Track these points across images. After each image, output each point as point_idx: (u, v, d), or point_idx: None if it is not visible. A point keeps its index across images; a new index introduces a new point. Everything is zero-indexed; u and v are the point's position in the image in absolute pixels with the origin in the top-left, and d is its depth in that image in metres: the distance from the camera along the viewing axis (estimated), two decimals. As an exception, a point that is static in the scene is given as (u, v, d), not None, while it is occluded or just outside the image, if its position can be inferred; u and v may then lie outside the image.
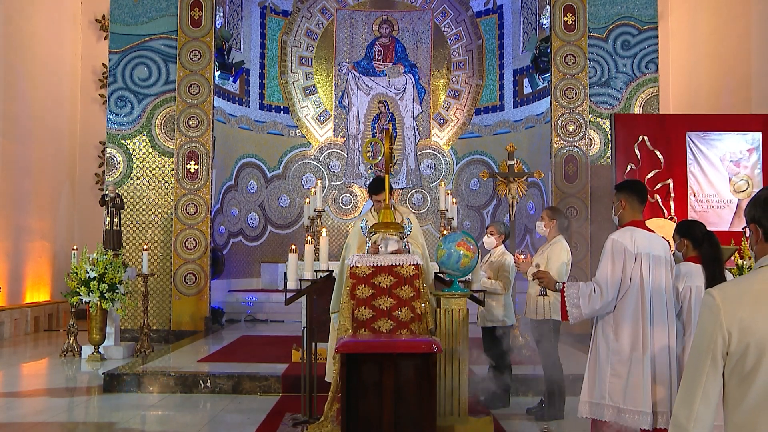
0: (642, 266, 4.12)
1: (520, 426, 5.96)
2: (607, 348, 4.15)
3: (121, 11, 11.35)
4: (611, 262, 4.14)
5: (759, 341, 1.74)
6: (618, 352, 4.12)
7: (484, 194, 14.66)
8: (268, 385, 7.19)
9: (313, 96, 15.13)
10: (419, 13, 15.25)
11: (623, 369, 4.08)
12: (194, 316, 10.98)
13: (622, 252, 4.13)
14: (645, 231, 4.24)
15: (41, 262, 13.16)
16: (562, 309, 4.30)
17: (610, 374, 4.12)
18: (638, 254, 4.13)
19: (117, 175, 11.22)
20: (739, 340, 1.77)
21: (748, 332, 1.76)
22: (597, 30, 11.17)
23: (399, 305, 5.25)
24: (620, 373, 4.09)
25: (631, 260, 4.12)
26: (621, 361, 4.10)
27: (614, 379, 4.10)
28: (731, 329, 1.78)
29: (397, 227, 5.71)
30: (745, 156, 9.83)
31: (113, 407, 6.63)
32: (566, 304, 4.25)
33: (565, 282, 4.39)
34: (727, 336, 1.79)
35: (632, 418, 4.02)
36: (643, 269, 4.12)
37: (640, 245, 4.14)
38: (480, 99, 14.88)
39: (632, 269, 4.13)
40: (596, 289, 4.14)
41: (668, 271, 4.19)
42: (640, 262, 4.12)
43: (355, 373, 4.55)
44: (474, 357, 6.20)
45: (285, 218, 14.82)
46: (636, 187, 4.40)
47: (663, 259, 4.18)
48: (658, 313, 4.11)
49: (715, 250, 4.21)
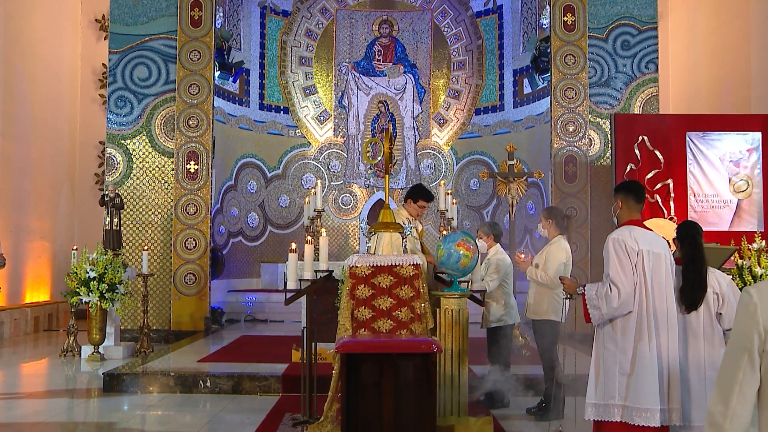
0: (644, 263, 4.11)
1: (520, 426, 5.96)
2: (614, 346, 4.13)
3: (121, 11, 11.35)
4: (618, 259, 4.10)
5: None
6: (625, 350, 4.10)
7: (484, 194, 14.66)
8: (268, 385, 7.19)
9: (313, 96, 15.14)
10: (419, 13, 15.25)
11: (631, 367, 4.06)
12: (194, 316, 10.98)
13: (624, 248, 4.11)
14: (643, 229, 4.24)
15: (41, 262, 13.16)
16: (584, 311, 4.25)
17: (618, 373, 4.09)
18: (640, 251, 4.12)
19: (117, 175, 11.22)
20: None
21: None
22: (597, 30, 11.17)
23: (399, 305, 5.25)
24: (628, 371, 4.06)
25: (634, 256, 4.12)
26: (628, 359, 4.08)
27: (623, 378, 4.07)
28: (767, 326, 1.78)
29: (397, 227, 5.72)
30: (744, 156, 9.83)
31: (113, 407, 6.63)
32: (587, 305, 4.21)
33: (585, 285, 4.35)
34: (763, 333, 1.79)
35: (642, 416, 4.00)
36: (645, 266, 4.11)
37: (641, 242, 4.14)
38: (480, 99, 14.88)
39: (636, 265, 4.11)
40: (612, 288, 4.09)
41: (669, 269, 4.19)
42: (642, 258, 4.11)
43: (354, 373, 4.55)
44: (474, 357, 6.20)
45: (285, 218, 14.82)
46: (631, 187, 4.40)
47: (663, 257, 4.18)
48: (662, 310, 4.11)
49: (694, 251, 4.20)
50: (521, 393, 6.64)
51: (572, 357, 6.02)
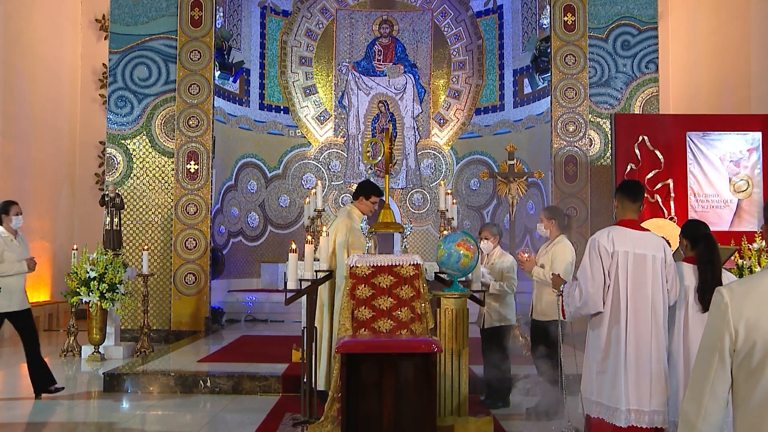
0: (619, 264, 4.16)
1: (520, 426, 5.96)
2: (593, 345, 4.29)
3: (121, 11, 11.35)
4: (588, 260, 4.26)
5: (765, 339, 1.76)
6: (599, 349, 4.23)
7: (484, 194, 14.66)
8: (268, 385, 7.19)
9: (313, 96, 15.13)
10: (419, 13, 15.25)
11: (604, 365, 4.19)
12: (194, 316, 10.98)
13: (597, 249, 4.22)
14: (630, 229, 4.26)
15: (41, 262, 13.12)
16: (561, 308, 4.52)
17: (595, 371, 4.24)
18: (614, 252, 4.18)
19: (117, 175, 11.22)
20: (746, 337, 1.79)
21: (754, 330, 1.78)
22: (597, 30, 11.17)
23: (399, 305, 5.25)
24: (602, 369, 4.20)
25: (608, 258, 4.18)
26: (600, 358, 4.21)
27: (598, 376, 4.21)
28: (738, 327, 1.80)
29: (397, 227, 5.73)
30: (745, 156, 9.83)
31: (113, 407, 6.63)
32: (563, 303, 4.48)
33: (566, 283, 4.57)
34: (733, 333, 1.81)
35: (610, 414, 4.11)
36: (620, 267, 4.17)
37: (617, 243, 4.20)
38: (480, 99, 14.88)
39: (609, 266, 4.18)
40: (577, 288, 4.28)
41: (658, 269, 4.18)
42: (617, 259, 4.17)
43: (355, 373, 4.55)
44: (474, 357, 6.20)
45: (285, 218, 14.82)
46: (627, 186, 4.45)
47: (649, 258, 4.18)
48: (642, 311, 4.13)
49: (710, 251, 4.21)
50: (521, 393, 6.64)
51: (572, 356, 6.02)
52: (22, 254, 6.98)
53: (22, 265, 6.90)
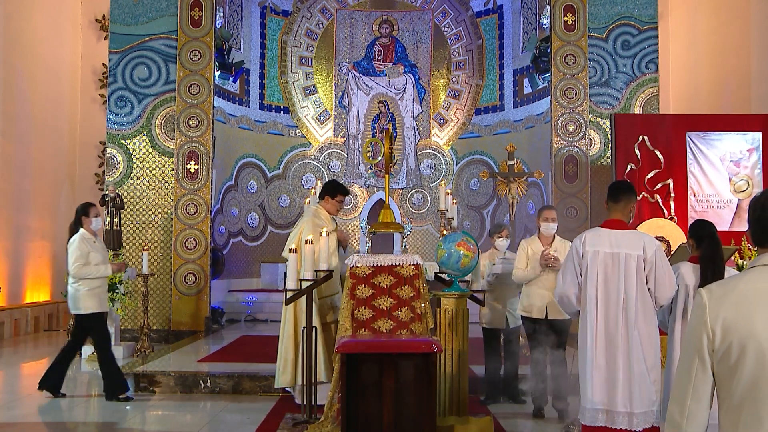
0: (589, 263, 4.21)
1: (520, 426, 5.96)
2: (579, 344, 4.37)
3: (121, 11, 11.35)
4: (564, 261, 4.42)
5: (740, 340, 1.78)
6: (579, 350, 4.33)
7: (484, 194, 14.66)
8: (268, 385, 7.19)
9: (313, 96, 15.13)
10: (419, 13, 15.25)
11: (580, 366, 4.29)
12: (194, 316, 10.98)
13: (572, 252, 4.34)
14: (609, 230, 4.28)
15: (41, 262, 13.16)
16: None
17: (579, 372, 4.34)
18: (585, 252, 4.23)
19: (117, 175, 11.21)
20: (723, 338, 1.81)
21: (730, 331, 1.80)
22: (597, 30, 11.17)
23: (399, 305, 5.25)
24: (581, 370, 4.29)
25: (578, 258, 4.28)
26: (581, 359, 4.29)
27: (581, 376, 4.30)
28: (715, 328, 1.82)
29: (397, 227, 5.73)
30: (745, 156, 9.83)
31: (113, 407, 6.63)
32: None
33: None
34: (711, 334, 1.83)
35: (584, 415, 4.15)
36: (590, 266, 4.22)
37: (589, 243, 4.27)
38: (480, 99, 14.88)
39: (581, 266, 4.27)
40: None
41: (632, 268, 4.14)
42: (587, 259, 4.22)
43: (355, 373, 4.55)
44: (474, 357, 6.20)
45: (285, 218, 14.82)
46: (609, 187, 4.57)
47: (623, 256, 4.16)
48: (612, 310, 4.12)
49: (713, 250, 4.22)
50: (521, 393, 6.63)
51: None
52: (105, 256, 7.08)
53: (107, 269, 6.94)
